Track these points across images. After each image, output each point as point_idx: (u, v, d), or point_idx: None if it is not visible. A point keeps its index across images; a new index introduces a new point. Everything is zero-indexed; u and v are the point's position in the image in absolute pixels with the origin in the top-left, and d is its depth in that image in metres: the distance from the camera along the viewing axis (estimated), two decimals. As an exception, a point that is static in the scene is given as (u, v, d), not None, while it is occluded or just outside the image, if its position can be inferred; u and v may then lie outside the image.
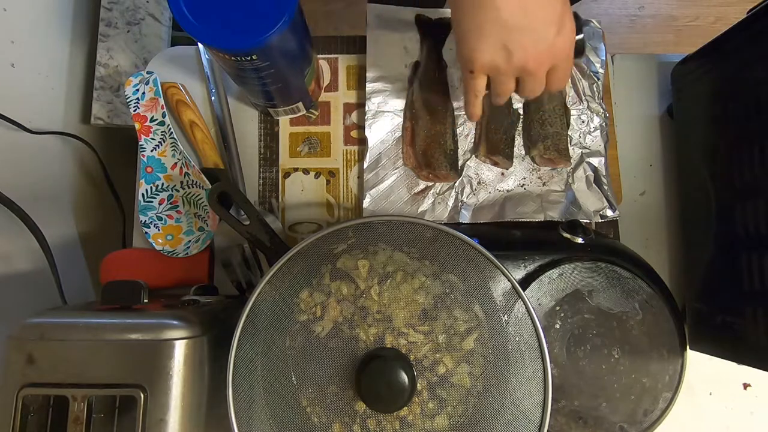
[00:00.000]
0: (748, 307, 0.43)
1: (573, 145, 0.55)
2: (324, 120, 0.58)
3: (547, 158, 0.54)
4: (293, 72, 0.48)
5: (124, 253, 0.55)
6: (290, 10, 0.39)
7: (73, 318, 0.37)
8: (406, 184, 0.55)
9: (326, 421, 0.36)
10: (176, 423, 0.35)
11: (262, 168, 0.57)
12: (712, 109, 0.49)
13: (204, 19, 0.39)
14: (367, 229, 0.38)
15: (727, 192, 0.47)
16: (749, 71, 0.44)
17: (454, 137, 0.54)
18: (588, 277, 0.45)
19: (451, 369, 0.36)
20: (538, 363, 0.36)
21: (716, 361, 0.47)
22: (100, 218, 0.66)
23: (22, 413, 0.34)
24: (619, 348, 0.45)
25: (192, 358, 0.36)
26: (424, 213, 0.54)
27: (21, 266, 0.54)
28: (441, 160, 0.53)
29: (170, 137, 0.54)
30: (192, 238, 0.54)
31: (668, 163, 0.58)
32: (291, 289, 0.38)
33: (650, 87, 0.59)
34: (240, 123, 0.57)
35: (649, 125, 0.59)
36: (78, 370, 0.35)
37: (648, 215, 0.57)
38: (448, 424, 0.36)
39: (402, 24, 0.57)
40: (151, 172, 0.54)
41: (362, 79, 0.57)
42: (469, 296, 0.37)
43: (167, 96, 0.55)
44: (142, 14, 0.63)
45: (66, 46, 0.61)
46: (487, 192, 0.55)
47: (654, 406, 0.45)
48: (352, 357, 0.36)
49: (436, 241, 0.38)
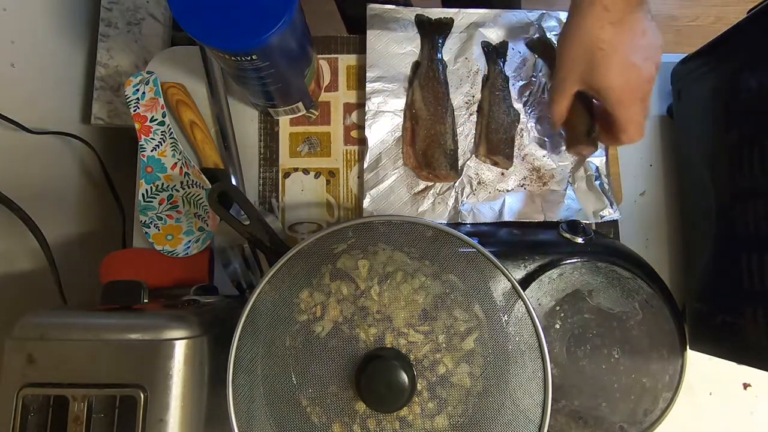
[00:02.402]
0: (748, 307, 0.43)
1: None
2: (324, 120, 0.58)
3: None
4: (293, 72, 0.48)
5: (124, 253, 0.55)
6: (290, 10, 0.39)
7: (73, 318, 0.37)
8: (406, 184, 0.55)
9: (326, 421, 0.36)
10: (176, 423, 0.35)
11: (262, 168, 0.57)
12: (712, 109, 0.49)
13: (204, 19, 0.39)
14: (367, 229, 0.38)
15: (727, 192, 0.47)
16: (749, 71, 0.44)
17: (454, 137, 0.54)
18: (588, 277, 0.45)
19: (451, 369, 0.36)
20: (538, 363, 0.36)
21: (716, 361, 0.47)
22: (100, 218, 0.66)
23: (22, 413, 0.34)
24: (619, 348, 0.45)
25: (192, 358, 0.36)
26: (424, 213, 0.54)
27: (21, 266, 0.54)
28: (441, 160, 0.53)
29: (170, 137, 0.54)
30: (192, 238, 0.54)
31: (668, 163, 0.58)
32: (291, 289, 0.38)
33: (650, 87, 0.59)
34: (240, 123, 0.57)
35: (649, 125, 0.59)
36: (78, 370, 0.35)
37: (648, 215, 0.57)
38: (448, 424, 0.36)
39: (402, 24, 0.57)
40: (151, 172, 0.54)
41: (362, 79, 0.57)
42: (469, 296, 0.37)
43: (167, 96, 0.55)
44: (142, 14, 0.63)
45: (66, 46, 0.61)
46: (487, 192, 0.55)
47: (654, 406, 0.45)
48: (352, 357, 0.36)
49: (436, 241, 0.38)
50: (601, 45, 0.40)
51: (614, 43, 0.40)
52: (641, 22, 0.41)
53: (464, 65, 0.57)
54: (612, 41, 0.40)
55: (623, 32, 0.40)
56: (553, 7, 0.58)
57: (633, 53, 0.41)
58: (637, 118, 0.44)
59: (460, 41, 0.57)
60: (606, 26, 0.40)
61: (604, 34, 0.40)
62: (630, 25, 0.40)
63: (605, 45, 0.40)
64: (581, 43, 0.41)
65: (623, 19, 0.40)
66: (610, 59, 0.41)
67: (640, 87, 0.43)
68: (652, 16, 0.42)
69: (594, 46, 0.41)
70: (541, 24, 0.58)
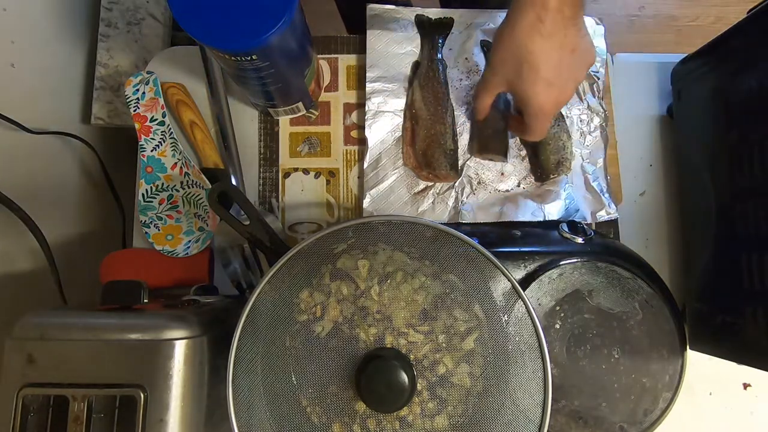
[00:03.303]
0: (748, 307, 0.43)
1: (573, 144, 0.55)
2: (324, 120, 0.58)
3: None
4: (293, 72, 0.48)
5: (124, 253, 0.55)
6: (290, 10, 0.39)
7: (73, 318, 0.37)
8: (406, 184, 0.55)
9: (326, 421, 0.36)
10: (176, 423, 0.35)
11: (262, 168, 0.57)
12: (712, 109, 0.49)
13: (204, 19, 0.39)
14: (367, 229, 0.38)
15: (727, 192, 0.47)
16: (749, 71, 0.44)
17: (454, 137, 0.55)
18: (588, 277, 0.45)
19: (451, 369, 0.36)
20: (538, 363, 0.36)
21: (716, 361, 0.47)
22: (100, 218, 0.66)
23: (22, 413, 0.34)
24: (619, 348, 0.45)
25: (192, 358, 0.36)
26: (424, 213, 0.54)
27: (21, 266, 0.54)
28: (441, 160, 0.53)
29: (170, 137, 0.54)
30: (192, 238, 0.54)
31: (668, 163, 0.58)
32: (291, 289, 0.38)
33: (650, 87, 0.59)
34: (240, 123, 0.57)
35: (649, 125, 0.59)
36: (78, 370, 0.35)
37: (648, 215, 0.57)
38: (448, 424, 0.36)
39: (402, 24, 0.57)
40: (151, 172, 0.54)
41: (362, 79, 0.57)
42: (469, 296, 0.37)
43: (167, 96, 0.55)
44: (142, 14, 0.63)
45: (66, 46, 0.61)
46: (487, 192, 0.55)
47: (654, 406, 0.45)
48: (352, 357, 0.36)
49: (436, 241, 0.38)
50: (529, 57, 0.41)
51: (542, 58, 0.41)
52: (572, 38, 0.41)
53: (464, 65, 0.57)
54: (540, 55, 0.41)
55: (553, 48, 0.41)
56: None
57: (558, 72, 0.42)
58: (543, 128, 0.47)
59: (460, 41, 0.57)
60: (537, 38, 0.40)
61: (533, 46, 0.40)
62: (560, 41, 0.41)
63: (533, 57, 0.41)
64: (511, 48, 0.42)
65: (555, 33, 0.40)
66: (536, 74, 0.41)
67: (557, 105, 0.44)
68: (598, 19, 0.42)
69: (522, 56, 0.41)
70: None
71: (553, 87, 0.42)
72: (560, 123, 0.55)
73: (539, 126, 0.46)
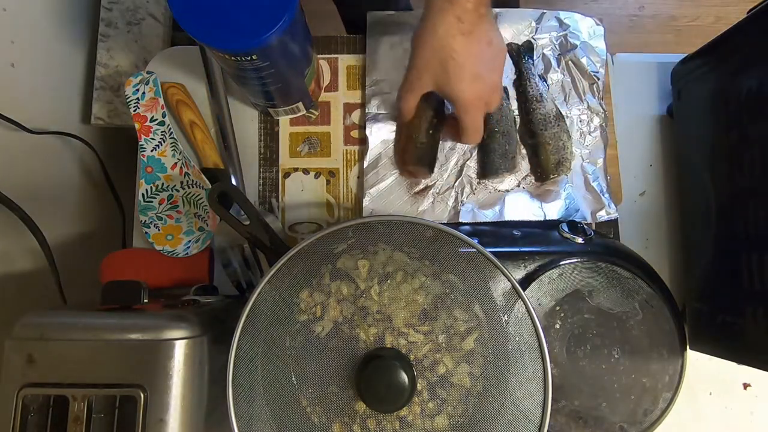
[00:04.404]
0: (748, 307, 0.43)
1: (573, 144, 0.55)
2: (324, 120, 0.58)
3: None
4: (293, 72, 0.48)
5: (124, 253, 0.55)
6: (290, 10, 0.39)
7: (73, 318, 0.37)
8: (406, 184, 0.55)
9: (326, 421, 0.36)
10: (176, 423, 0.35)
11: (262, 168, 0.57)
12: (712, 109, 0.49)
13: (204, 19, 0.39)
14: (367, 229, 0.38)
15: (727, 192, 0.47)
16: (749, 71, 0.44)
17: (428, 131, 0.52)
18: (588, 277, 0.45)
19: (451, 369, 0.36)
20: (538, 363, 0.36)
21: (716, 361, 0.47)
22: (100, 218, 0.66)
23: (22, 413, 0.34)
24: (619, 348, 0.45)
25: (192, 358, 0.36)
26: (424, 213, 0.54)
27: (21, 266, 0.54)
28: (411, 152, 0.52)
29: (170, 137, 0.54)
30: (192, 238, 0.54)
31: (668, 163, 0.58)
32: (291, 289, 0.38)
33: (650, 87, 0.59)
34: (240, 123, 0.57)
35: (649, 125, 0.59)
36: (78, 370, 0.35)
37: (648, 215, 0.57)
38: (448, 424, 0.36)
39: (401, 28, 0.57)
40: (151, 172, 0.54)
41: (362, 79, 0.57)
42: (469, 296, 0.37)
43: (167, 96, 0.55)
44: (142, 14, 0.63)
45: (66, 46, 0.61)
46: (487, 192, 0.55)
47: (654, 406, 0.45)
48: (352, 357, 0.36)
49: (436, 241, 0.38)
50: (454, 55, 0.43)
51: (465, 54, 0.43)
52: (488, 32, 0.44)
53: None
54: (463, 52, 0.43)
55: (472, 43, 0.43)
56: (553, 7, 0.58)
57: (481, 64, 0.44)
58: (477, 125, 0.47)
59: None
60: (458, 36, 0.42)
61: (456, 44, 0.42)
62: (478, 36, 0.43)
63: (457, 55, 0.43)
64: (434, 48, 0.43)
65: (473, 30, 0.42)
66: (462, 70, 0.43)
67: (486, 95, 0.46)
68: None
69: (447, 55, 0.43)
70: (540, 23, 0.58)
71: (479, 79, 0.44)
72: (560, 123, 0.55)
73: (471, 121, 0.47)
